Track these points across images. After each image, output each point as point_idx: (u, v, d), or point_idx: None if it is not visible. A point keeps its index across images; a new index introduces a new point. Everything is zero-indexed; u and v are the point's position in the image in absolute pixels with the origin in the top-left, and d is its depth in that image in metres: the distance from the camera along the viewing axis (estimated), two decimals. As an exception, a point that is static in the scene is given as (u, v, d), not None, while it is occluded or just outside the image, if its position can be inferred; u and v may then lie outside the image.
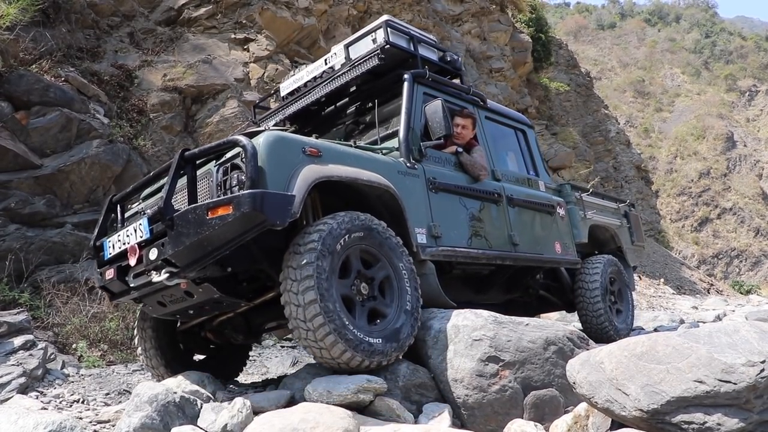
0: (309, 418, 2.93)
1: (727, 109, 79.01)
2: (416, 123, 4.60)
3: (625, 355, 2.69)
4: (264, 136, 3.43)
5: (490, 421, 3.47)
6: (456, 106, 5.13)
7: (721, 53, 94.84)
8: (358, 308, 3.50)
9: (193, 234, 3.21)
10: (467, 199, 4.76)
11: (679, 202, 64.94)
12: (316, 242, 3.30)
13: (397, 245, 3.77)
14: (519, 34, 22.50)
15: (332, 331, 3.19)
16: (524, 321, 3.95)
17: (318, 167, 3.53)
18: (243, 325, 4.35)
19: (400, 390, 3.48)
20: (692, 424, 2.39)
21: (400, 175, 4.18)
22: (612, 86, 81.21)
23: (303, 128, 5.53)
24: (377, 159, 4.13)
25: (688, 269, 28.50)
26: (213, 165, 3.55)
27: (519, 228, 5.22)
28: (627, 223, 7.41)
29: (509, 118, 6.06)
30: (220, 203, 3.18)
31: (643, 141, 70.14)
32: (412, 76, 4.71)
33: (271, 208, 3.16)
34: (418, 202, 4.25)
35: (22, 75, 7.46)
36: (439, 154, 4.74)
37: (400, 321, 3.62)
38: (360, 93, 5.16)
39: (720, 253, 61.09)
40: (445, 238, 4.37)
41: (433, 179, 4.45)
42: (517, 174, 5.70)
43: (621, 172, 31.65)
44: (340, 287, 3.41)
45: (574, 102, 30.54)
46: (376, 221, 3.71)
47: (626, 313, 6.43)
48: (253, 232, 3.21)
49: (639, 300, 15.41)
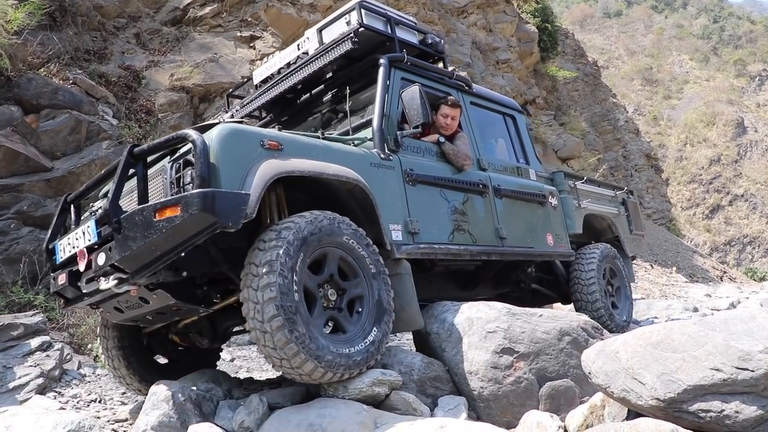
0: (325, 413, 2.94)
1: (737, 94, 78.39)
2: (392, 111, 4.33)
3: (640, 344, 2.68)
4: (217, 129, 3.20)
5: (505, 413, 3.48)
6: (439, 92, 4.85)
7: (729, 38, 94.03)
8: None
9: (141, 238, 2.98)
10: (449, 191, 4.47)
11: (689, 189, 64.58)
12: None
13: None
14: (525, 25, 22.40)
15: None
16: (538, 312, 3.95)
17: (278, 162, 3.28)
18: (208, 329, 4.07)
19: (415, 384, 3.49)
20: (710, 413, 2.38)
21: (372, 167, 3.91)
22: (620, 75, 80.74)
23: (280, 117, 5.31)
24: (347, 151, 3.85)
25: (701, 257, 28.34)
26: (167, 161, 3.31)
27: (507, 220, 4.92)
28: (625, 212, 7.09)
29: (497, 104, 5.74)
30: (167, 204, 2.95)
31: (652, 129, 69.73)
32: (388, 61, 4.42)
33: (222, 209, 2.92)
34: (392, 197, 3.98)
35: (31, 79, 7.50)
36: (418, 144, 4.47)
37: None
38: (336, 79, 4.84)
39: (732, 240, 60.74)
40: (423, 234, 4.10)
41: (410, 171, 4.17)
42: (505, 163, 5.40)
43: (630, 161, 31.50)
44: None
45: (581, 91, 30.39)
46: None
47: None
48: (204, 235, 2.98)
49: (651, 289, 15.35)
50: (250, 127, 3.41)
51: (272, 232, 3.15)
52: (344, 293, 3.39)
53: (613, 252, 6.18)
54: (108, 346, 4.15)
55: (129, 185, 3.35)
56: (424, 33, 5.07)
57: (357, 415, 2.94)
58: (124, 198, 3.35)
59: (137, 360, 4.20)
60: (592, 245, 6.06)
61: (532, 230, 5.24)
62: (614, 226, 6.78)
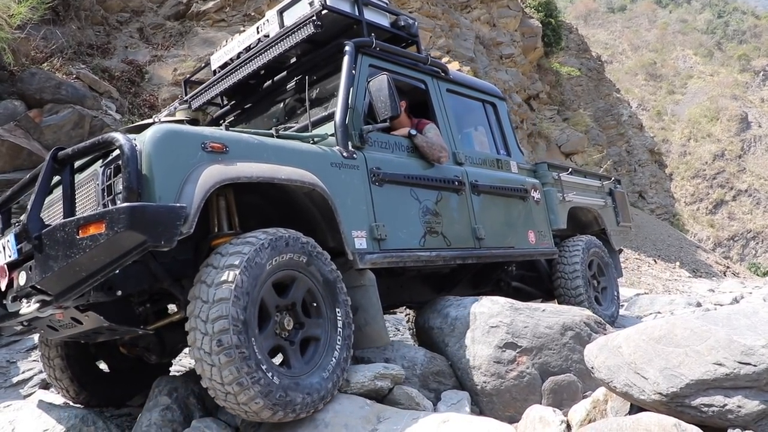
0: (328, 408, 2.95)
1: (741, 89, 78.10)
2: (359, 102, 3.94)
3: (643, 338, 2.68)
4: (150, 131, 2.81)
5: (508, 408, 3.48)
6: (412, 80, 4.53)
7: (734, 33, 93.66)
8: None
9: (63, 257, 2.59)
10: (421, 189, 4.11)
11: (693, 184, 64.43)
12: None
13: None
14: (529, 20, 22.35)
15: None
16: (541, 307, 3.94)
17: (221, 167, 2.89)
18: (157, 345, 3.66)
19: (418, 378, 3.49)
20: (712, 407, 2.38)
21: (333, 168, 3.53)
22: (623, 70, 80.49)
23: (242, 104, 4.93)
24: (303, 150, 3.45)
25: (704, 252, 28.31)
26: (99, 165, 2.93)
27: (485, 219, 4.59)
28: (612, 203, 6.78)
29: (476, 90, 5.31)
30: (90, 220, 2.55)
31: (656, 124, 69.53)
32: (354, 46, 4.03)
33: (152, 226, 2.54)
34: (356, 200, 3.61)
35: (34, 73, 7.51)
36: (386, 138, 4.09)
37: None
38: (301, 65, 4.43)
39: (736, 236, 60.60)
40: (391, 240, 3.75)
41: (376, 170, 3.80)
42: (483, 155, 5.03)
43: (634, 156, 31.44)
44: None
45: (585, 86, 30.32)
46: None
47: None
48: (134, 255, 2.60)
49: (655, 284, 15.33)
50: (189, 127, 3.02)
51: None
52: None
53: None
54: (50, 355, 3.80)
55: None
56: (396, 14, 4.65)
57: (360, 409, 2.95)
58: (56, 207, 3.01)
59: (81, 370, 3.86)
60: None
61: (513, 228, 4.93)
62: (600, 219, 6.49)
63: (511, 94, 18.25)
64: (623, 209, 6.96)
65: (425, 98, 4.69)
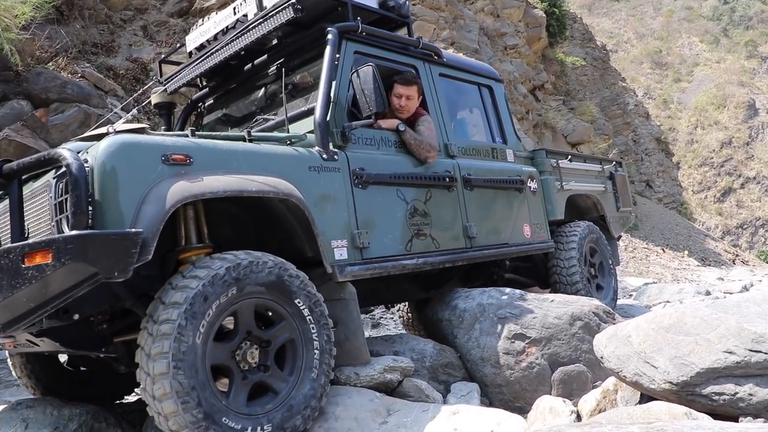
0: (338, 401, 2.96)
1: (748, 76, 77.56)
2: (342, 95, 3.60)
3: (652, 327, 2.67)
4: (104, 144, 2.51)
5: (518, 399, 3.49)
6: (402, 66, 4.16)
7: (740, 19, 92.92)
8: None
9: (8, 287, 2.36)
10: (408, 188, 3.80)
11: (701, 173, 64.08)
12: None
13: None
14: (532, 10, 22.23)
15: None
16: (549, 297, 3.95)
17: (184, 183, 2.60)
18: (125, 356, 3.20)
19: (428, 370, 3.50)
20: (723, 395, 2.38)
21: (311, 172, 3.21)
22: (629, 58, 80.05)
23: (222, 86, 4.54)
24: (278, 154, 3.12)
25: (713, 240, 28.21)
26: (52, 176, 2.61)
27: (477, 216, 4.30)
28: (612, 188, 6.48)
29: (471, 73, 4.94)
30: (35, 248, 2.31)
31: (662, 113, 69.16)
32: (337, 32, 3.65)
33: (104, 257, 2.29)
34: (337, 206, 3.31)
35: (40, 73, 7.54)
36: (372, 134, 3.75)
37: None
38: (283, 48, 4.05)
39: (744, 224, 60.28)
40: (374, 247, 3.46)
41: (360, 171, 3.48)
42: (478, 144, 4.71)
43: (641, 145, 31.30)
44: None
45: (590, 76, 30.17)
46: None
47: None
48: (85, 287, 2.36)
49: (663, 273, 15.29)
50: (148, 138, 2.69)
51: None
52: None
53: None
54: (12, 352, 3.60)
55: None
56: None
57: (370, 402, 2.95)
58: None
59: (42, 369, 3.63)
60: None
61: (507, 222, 4.65)
62: (600, 205, 6.23)
63: (516, 84, 18.19)
64: (624, 194, 6.68)
65: None
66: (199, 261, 2.64)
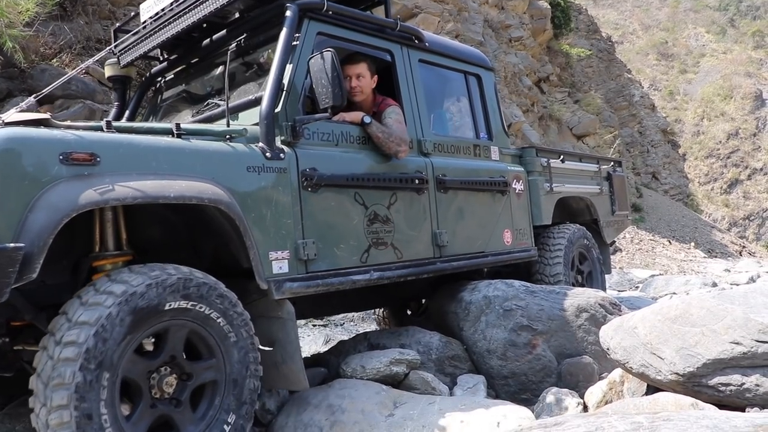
0: (344, 394, 2.97)
1: (755, 66, 77.07)
2: (298, 83, 3.15)
3: (658, 319, 2.67)
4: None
5: (524, 391, 3.49)
6: (377, 51, 3.74)
7: (747, 9, 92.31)
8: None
9: None
10: (369, 191, 3.33)
11: (707, 164, 63.80)
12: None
13: None
14: (537, 2, 22.12)
15: None
16: (555, 289, 3.94)
17: (84, 188, 2.20)
18: None
19: (434, 363, 3.51)
20: (729, 386, 2.37)
21: (250, 173, 2.78)
22: (634, 50, 79.65)
23: (183, 60, 4.04)
24: (210, 152, 2.68)
25: (719, 232, 28.11)
26: None
27: (451, 221, 3.86)
28: (608, 189, 5.98)
29: (457, 59, 4.40)
30: None
31: (668, 104, 68.84)
32: (297, 9, 3.17)
33: None
34: (279, 212, 2.87)
35: (44, 69, 7.56)
36: (331, 128, 3.29)
37: None
38: (243, 24, 3.56)
39: (751, 215, 60.01)
40: (322, 260, 3.04)
41: (311, 171, 3.03)
42: (458, 140, 4.21)
43: (647, 137, 31.18)
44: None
45: (596, 68, 30.03)
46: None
47: None
48: None
49: (670, 265, 15.25)
50: (44, 131, 2.25)
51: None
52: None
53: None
54: None
55: None
56: None
57: (376, 395, 2.96)
58: None
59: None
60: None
61: (486, 229, 4.20)
62: (593, 208, 5.73)
63: (521, 77, 18.13)
64: (621, 196, 6.19)
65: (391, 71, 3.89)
66: (115, 273, 2.30)
